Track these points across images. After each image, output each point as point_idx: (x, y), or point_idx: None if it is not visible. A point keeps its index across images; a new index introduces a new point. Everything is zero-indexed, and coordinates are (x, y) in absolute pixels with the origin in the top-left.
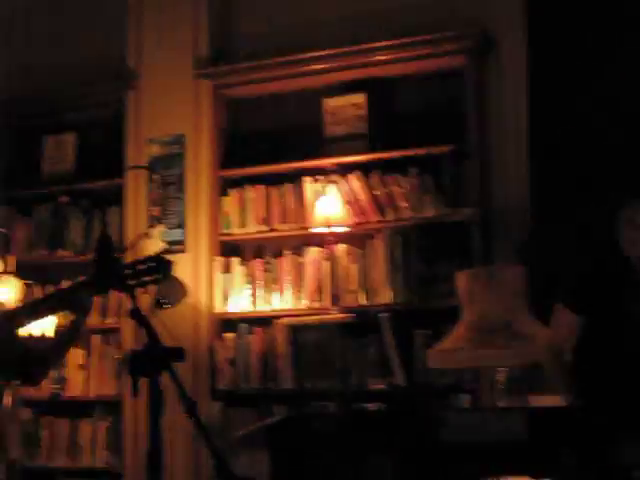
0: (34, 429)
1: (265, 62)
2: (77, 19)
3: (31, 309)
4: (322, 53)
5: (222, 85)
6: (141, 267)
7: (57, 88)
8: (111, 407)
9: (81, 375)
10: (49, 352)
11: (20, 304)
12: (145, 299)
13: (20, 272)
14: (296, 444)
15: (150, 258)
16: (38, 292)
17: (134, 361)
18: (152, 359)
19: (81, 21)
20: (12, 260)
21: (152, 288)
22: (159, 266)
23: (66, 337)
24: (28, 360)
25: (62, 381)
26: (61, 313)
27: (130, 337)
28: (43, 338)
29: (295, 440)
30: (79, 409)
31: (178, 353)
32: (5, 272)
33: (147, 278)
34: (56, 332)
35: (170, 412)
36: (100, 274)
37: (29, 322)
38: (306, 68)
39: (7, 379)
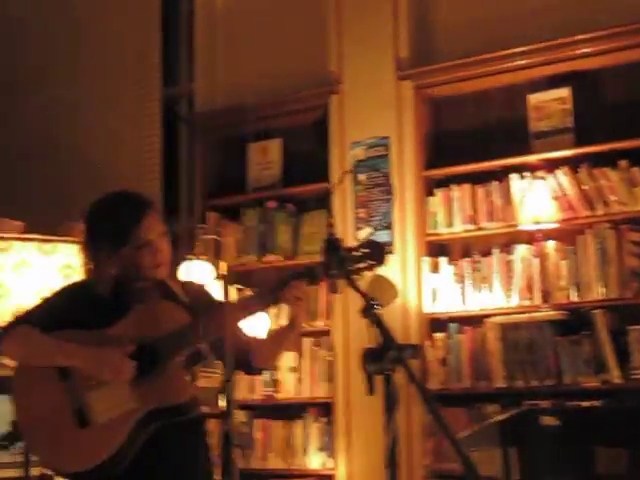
0: (249, 431)
1: (467, 60)
2: (279, 27)
3: (246, 303)
4: (525, 48)
5: (424, 85)
6: (355, 254)
7: (261, 96)
8: (323, 409)
9: (293, 377)
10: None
11: (236, 299)
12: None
13: (231, 277)
14: (528, 440)
15: (363, 244)
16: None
17: (369, 359)
18: (387, 356)
19: (283, 29)
20: (223, 265)
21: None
22: (373, 251)
23: (286, 330)
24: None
25: (275, 384)
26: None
27: (340, 339)
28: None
29: (527, 436)
30: (292, 411)
31: (412, 350)
32: (217, 277)
33: (362, 265)
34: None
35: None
36: (320, 265)
37: (244, 318)
38: (509, 64)
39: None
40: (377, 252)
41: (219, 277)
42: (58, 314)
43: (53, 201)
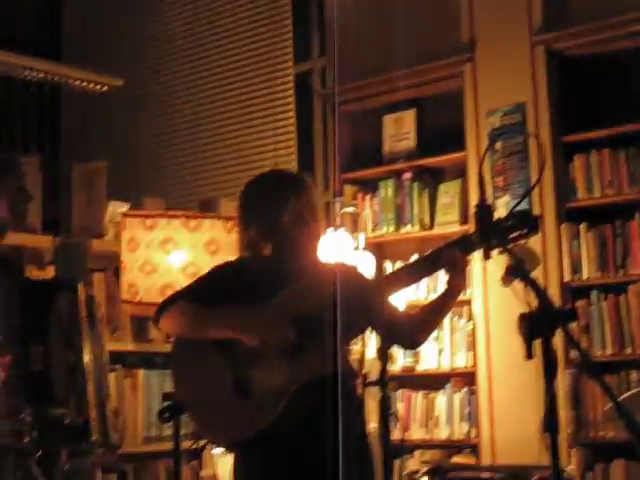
0: (392, 403)
1: (602, 23)
2: None
3: (403, 274)
4: None
5: (559, 49)
6: (508, 223)
7: (394, 67)
8: (465, 378)
9: (434, 348)
10: (427, 318)
11: (389, 272)
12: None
13: (368, 249)
14: None
15: (515, 214)
16: (388, 268)
17: (527, 323)
18: (545, 320)
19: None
20: (362, 237)
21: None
22: (526, 220)
23: (444, 298)
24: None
25: (415, 355)
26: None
27: (480, 308)
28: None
29: None
30: (433, 381)
31: (570, 314)
32: (357, 249)
33: (516, 234)
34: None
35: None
36: (476, 234)
37: (401, 288)
38: None
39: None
40: (530, 221)
41: (358, 249)
42: (215, 290)
43: (191, 179)
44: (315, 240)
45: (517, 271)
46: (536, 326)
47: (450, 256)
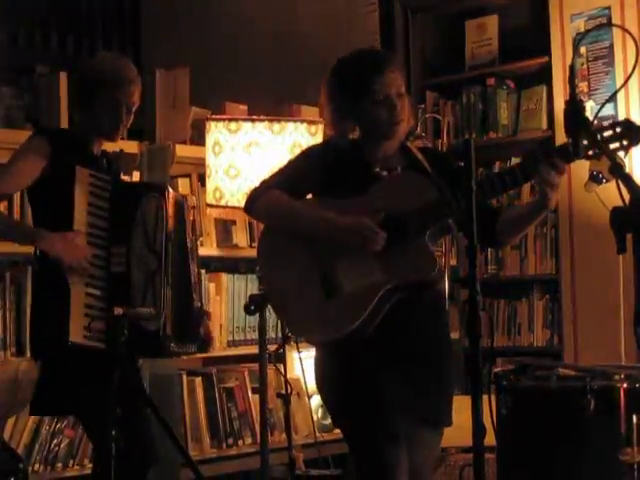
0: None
1: None
2: None
3: (494, 181)
4: None
5: None
6: (607, 133)
7: None
8: (548, 285)
9: (517, 255)
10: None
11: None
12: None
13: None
14: None
15: (617, 123)
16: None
17: (619, 217)
18: (638, 215)
19: None
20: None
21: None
22: (628, 131)
23: (534, 209)
24: None
25: (499, 261)
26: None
27: (565, 215)
28: None
29: None
30: (516, 288)
31: None
32: None
33: (615, 145)
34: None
35: None
36: (569, 140)
37: (495, 195)
38: None
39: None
40: (632, 132)
41: None
42: (307, 178)
43: (271, 85)
44: (401, 120)
45: (615, 168)
46: (628, 220)
47: (546, 165)
